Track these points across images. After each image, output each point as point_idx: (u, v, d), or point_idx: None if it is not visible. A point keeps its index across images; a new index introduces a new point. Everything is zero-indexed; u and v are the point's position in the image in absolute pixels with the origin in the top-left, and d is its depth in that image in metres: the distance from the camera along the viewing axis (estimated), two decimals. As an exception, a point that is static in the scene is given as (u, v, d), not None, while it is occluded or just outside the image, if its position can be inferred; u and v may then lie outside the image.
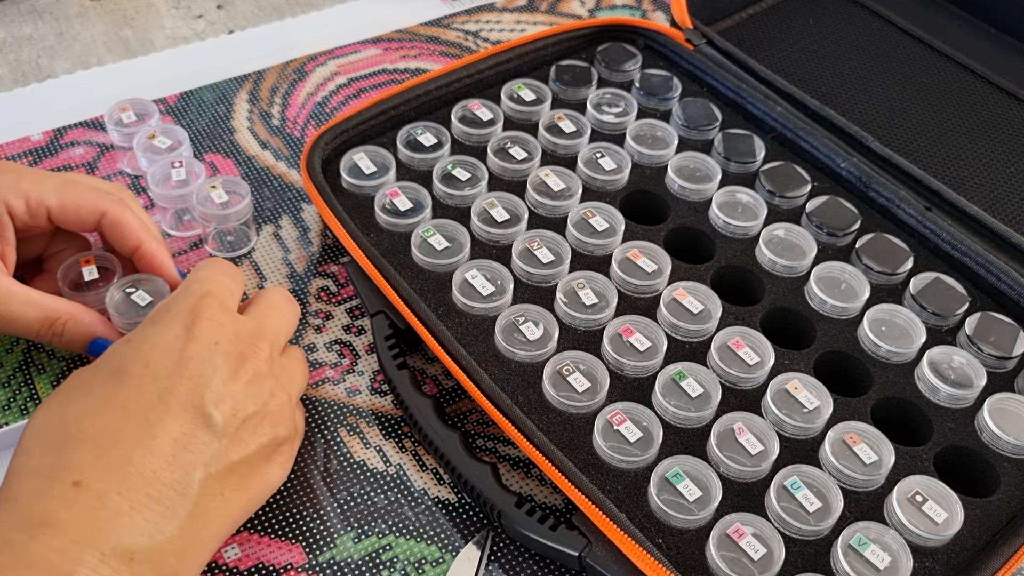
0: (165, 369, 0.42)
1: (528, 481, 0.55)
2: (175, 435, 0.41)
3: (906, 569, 0.48)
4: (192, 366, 0.43)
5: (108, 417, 0.41)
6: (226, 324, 0.45)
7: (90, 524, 0.38)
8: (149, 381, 0.42)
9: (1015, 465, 0.54)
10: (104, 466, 0.40)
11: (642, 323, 0.57)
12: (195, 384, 0.42)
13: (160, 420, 0.41)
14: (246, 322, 0.46)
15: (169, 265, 0.56)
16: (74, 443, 0.40)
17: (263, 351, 0.46)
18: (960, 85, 0.78)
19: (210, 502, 0.42)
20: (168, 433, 0.41)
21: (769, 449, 0.52)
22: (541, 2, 0.90)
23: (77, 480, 0.39)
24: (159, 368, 0.42)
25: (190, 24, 0.86)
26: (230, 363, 0.44)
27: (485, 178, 0.66)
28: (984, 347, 0.58)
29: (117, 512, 0.39)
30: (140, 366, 0.42)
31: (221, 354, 0.44)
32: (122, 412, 0.41)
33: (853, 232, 0.64)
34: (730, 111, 0.73)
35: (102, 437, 0.40)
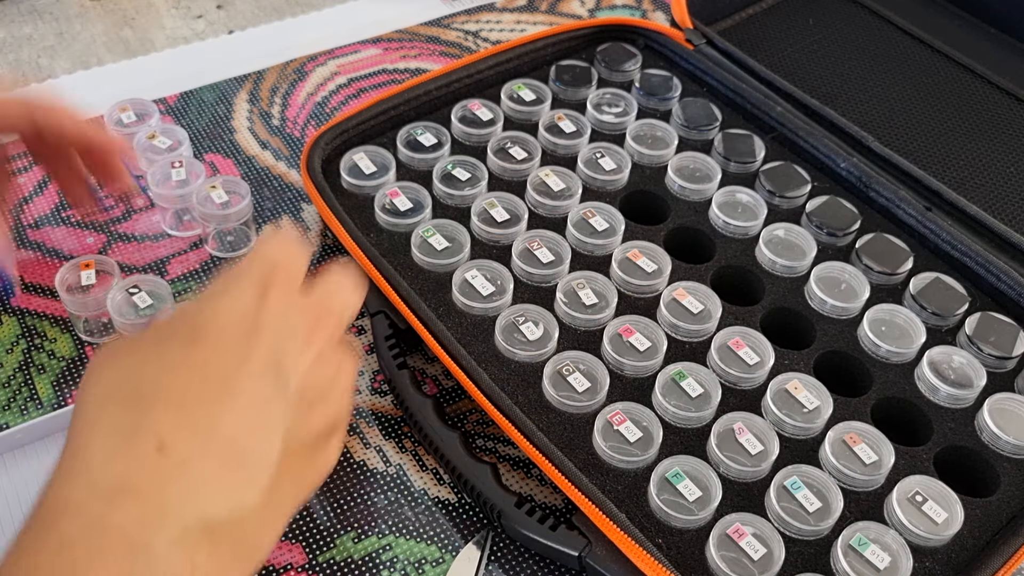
0: (240, 330, 0.40)
1: (528, 481, 0.55)
2: (255, 399, 0.39)
3: (906, 569, 0.48)
4: (268, 332, 0.40)
5: (188, 378, 0.38)
6: (295, 300, 0.43)
7: (173, 492, 0.36)
8: (227, 344, 0.39)
9: (1015, 465, 0.54)
10: (188, 429, 0.37)
11: (642, 323, 0.57)
12: (272, 349, 0.40)
13: (240, 383, 0.38)
14: (315, 298, 0.44)
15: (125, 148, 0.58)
16: (153, 403, 0.37)
17: (331, 328, 0.44)
18: (960, 85, 0.78)
19: (285, 475, 0.40)
20: (248, 396, 0.38)
21: (769, 449, 0.52)
22: (541, 2, 0.90)
23: (160, 443, 0.36)
24: (236, 332, 0.40)
25: (190, 24, 0.86)
26: (303, 330, 0.42)
27: (485, 178, 0.66)
28: (984, 347, 0.58)
29: (201, 479, 0.36)
30: (216, 330, 0.40)
31: (295, 322, 0.42)
32: (202, 373, 0.38)
33: (853, 232, 0.64)
34: (730, 111, 0.73)
35: (184, 398, 0.37)
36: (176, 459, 0.36)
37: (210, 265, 0.64)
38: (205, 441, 0.37)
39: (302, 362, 0.41)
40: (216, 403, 0.38)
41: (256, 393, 0.39)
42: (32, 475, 0.53)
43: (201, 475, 0.36)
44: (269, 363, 0.40)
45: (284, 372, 0.40)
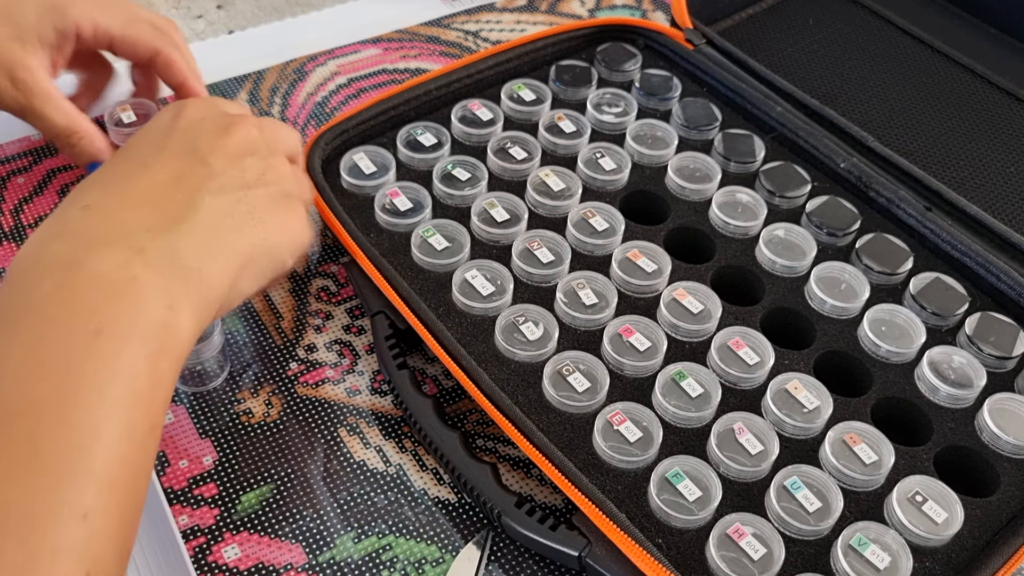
0: (158, 138, 0.49)
1: (528, 481, 0.55)
2: (173, 170, 0.47)
3: (906, 569, 0.48)
4: (183, 131, 0.49)
5: (111, 169, 0.47)
6: (212, 107, 0.51)
7: (100, 228, 0.43)
8: (145, 145, 0.49)
9: (1015, 465, 0.54)
10: (109, 193, 0.45)
11: (642, 323, 0.57)
12: (187, 141, 0.48)
13: (158, 161, 0.47)
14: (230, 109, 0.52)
15: None
16: (82, 189, 0.46)
17: (251, 123, 0.51)
18: (960, 85, 0.78)
19: (221, 219, 0.46)
20: (166, 169, 0.47)
21: (769, 449, 0.52)
22: (541, 2, 0.90)
23: (85, 204, 0.44)
24: (152, 139, 0.49)
25: (190, 24, 0.86)
26: (218, 127, 0.50)
27: (485, 178, 0.66)
28: (984, 347, 0.58)
29: (125, 219, 0.44)
30: (137, 140, 0.49)
31: (210, 123, 0.50)
32: (123, 163, 0.48)
33: (853, 232, 0.64)
34: (730, 111, 0.73)
35: (105, 176, 0.47)
36: (99, 212, 0.44)
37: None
38: (125, 197, 0.45)
39: (221, 143, 0.49)
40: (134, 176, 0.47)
41: (173, 166, 0.47)
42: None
43: (122, 216, 0.44)
44: (184, 148, 0.48)
45: (199, 151, 0.48)
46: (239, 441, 0.55)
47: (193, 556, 0.50)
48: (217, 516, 0.52)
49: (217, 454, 0.55)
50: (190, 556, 0.50)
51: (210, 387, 0.58)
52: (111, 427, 0.38)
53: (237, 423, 0.56)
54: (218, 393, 0.58)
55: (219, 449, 0.55)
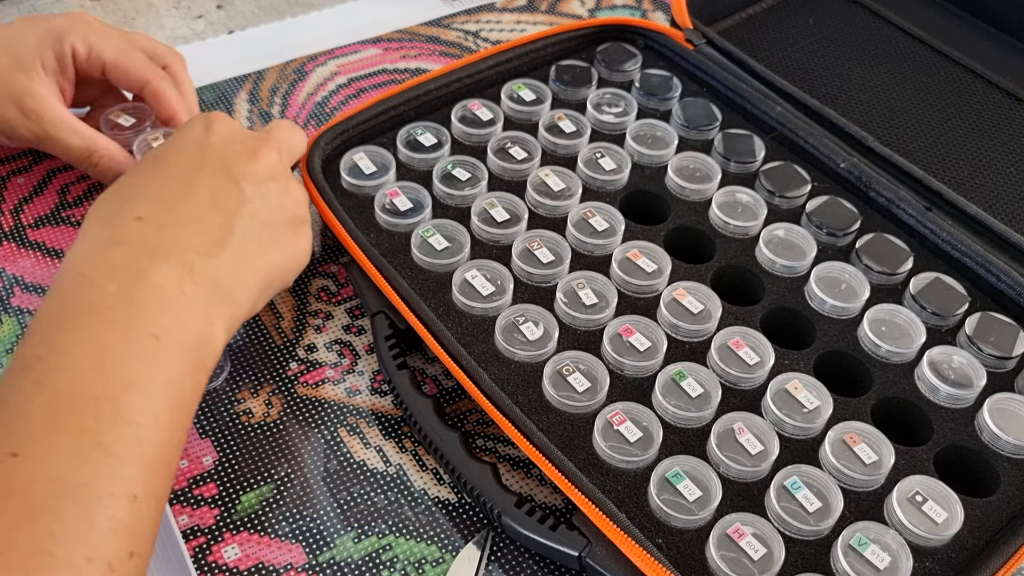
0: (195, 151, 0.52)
1: (528, 481, 0.55)
2: (212, 191, 0.50)
3: (906, 569, 0.48)
4: (217, 149, 0.52)
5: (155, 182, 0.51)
6: (238, 128, 0.55)
7: (156, 241, 0.47)
8: (183, 159, 0.52)
9: (1015, 465, 0.54)
10: (158, 208, 0.49)
11: (642, 323, 0.57)
12: (221, 161, 0.52)
13: (198, 180, 0.51)
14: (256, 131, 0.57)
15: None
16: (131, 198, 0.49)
17: (275, 147, 0.55)
18: (960, 85, 0.78)
19: (250, 245, 0.51)
20: (206, 190, 0.50)
21: (769, 449, 0.52)
22: (541, 2, 0.90)
23: (139, 216, 0.48)
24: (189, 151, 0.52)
25: (190, 24, 0.86)
26: (247, 150, 0.53)
27: (485, 178, 0.66)
28: (984, 347, 0.58)
29: (176, 235, 0.48)
30: (173, 153, 0.52)
31: (239, 145, 0.53)
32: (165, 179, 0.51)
33: (853, 232, 0.64)
34: (730, 111, 0.73)
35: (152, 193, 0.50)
36: (153, 224, 0.48)
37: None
38: (174, 214, 0.49)
39: (251, 168, 0.53)
40: (179, 193, 0.50)
41: (211, 186, 0.51)
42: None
43: (174, 233, 0.48)
44: (220, 168, 0.52)
45: (233, 174, 0.52)
46: (239, 441, 0.55)
47: (193, 556, 0.50)
48: (217, 516, 0.52)
49: (217, 454, 0.55)
50: (190, 556, 0.50)
51: (210, 387, 0.58)
52: (159, 424, 0.43)
53: (237, 423, 0.56)
54: (218, 393, 0.58)
55: (219, 449, 0.55)
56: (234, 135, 0.54)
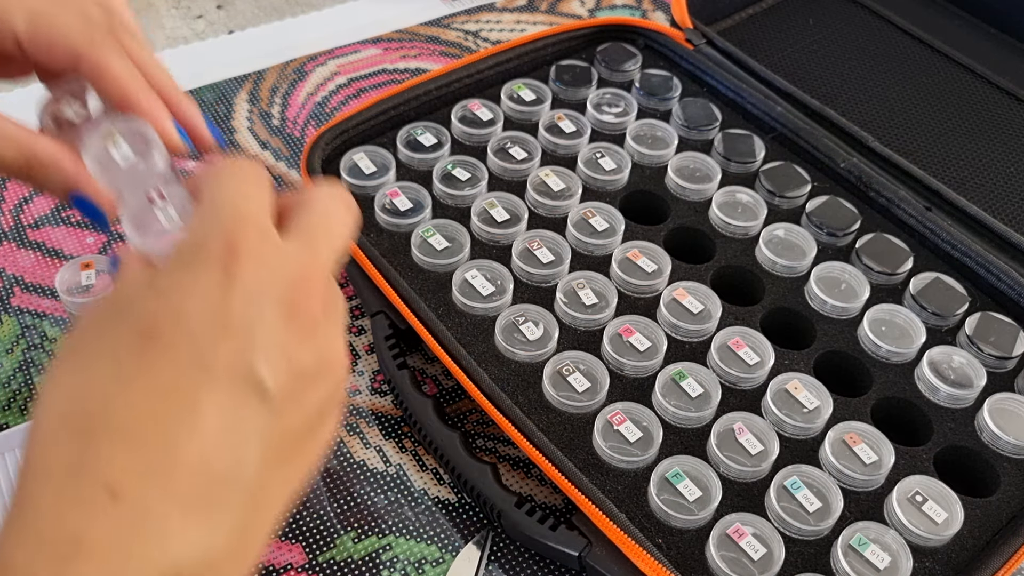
0: (203, 327, 0.32)
1: (528, 481, 0.55)
2: (222, 411, 0.32)
3: (906, 569, 0.48)
4: (237, 323, 0.33)
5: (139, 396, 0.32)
6: (272, 260, 0.34)
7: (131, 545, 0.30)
8: (184, 344, 0.32)
9: (1015, 465, 0.54)
10: (143, 465, 0.31)
11: (642, 323, 0.57)
12: (242, 343, 0.32)
13: (203, 395, 0.32)
14: (296, 253, 0.35)
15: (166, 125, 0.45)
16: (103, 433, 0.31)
17: (317, 289, 0.35)
18: (960, 85, 0.78)
19: (268, 483, 0.34)
20: (213, 413, 0.32)
21: (769, 449, 0.52)
22: (541, 2, 0.90)
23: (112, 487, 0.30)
24: (196, 326, 0.32)
25: (190, 24, 0.86)
26: (282, 313, 0.34)
27: (485, 178, 0.66)
28: (984, 347, 0.58)
29: (162, 524, 0.31)
30: (171, 324, 0.32)
31: (270, 303, 0.33)
32: (156, 388, 0.32)
33: (853, 232, 0.64)
34: (730, 111, 0.73)
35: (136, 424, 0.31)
36: (132, 506, 0.30)
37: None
38: (165, 477, 0.31)
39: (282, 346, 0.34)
40: (174, 426, 0.31)
41: (224, 408, 0.32)
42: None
43: (163, 519, 0.31)
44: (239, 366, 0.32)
45: (258, 374, 0.33)
46: (239, 441, 0.55)
47: (193, 556, 0.50)
48: (217, 516, 0.52)
49: (217, 454, 0.55)
50: (190, 556, 0.50)
51: None
52: None
53: (237, 423, 0.56)
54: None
55: (219, 449, 0.55)
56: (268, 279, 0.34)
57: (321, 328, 0.36)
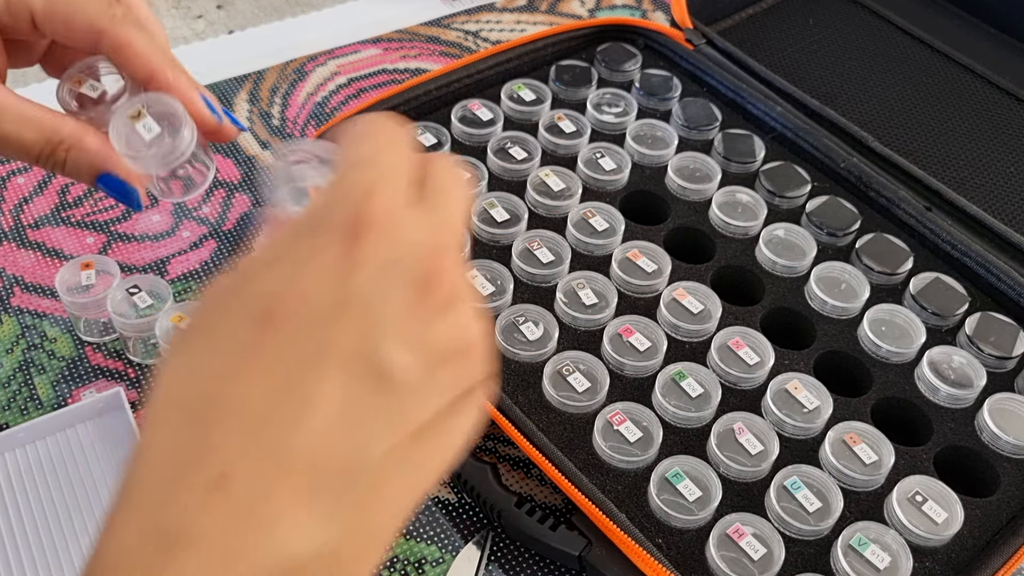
0: (324, 308, 0.30)
1: (528, 481, 0.55)
2: (341, 402, 0.30)
3: (906, 569, 0.48)
4: (360, 301, 0.30)
5: (256, 380, 0.30)
6: (404, 233, 0.32)
7: (239, 535, 0.29)
8: (304, 326, 0.30)
9: (1015, 465, 0.54)
10: (255, 452, 0.29)
11: (642, 323, 0.57)
12: (365, 327, 0.30)
13: (320, 383, 0.30)
14: (429, 223, 0.33)
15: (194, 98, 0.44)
16: (218, 417, 0.30)
17: (452, 264, 0.33)
18: (960, 85, 0.78)
19: (391, 480, 0.32)
20: (331, 401, 0.30)
21: (769, 449, 0.52)
22: (541, 2, 0.90)
23: (222, 473, 0.29)
24: (316, 307, 0.30)
25: (190, 24, 0.86)
26: (412, 290, 0.31)
27: (485, 178, 0.66)
28: (984, 347, 0.58)
29: (273, 515, 0.29)
30: (291, 310, 0.30)
31: (398, 279, 0.31)
32: (273, 373, 0.30)
33: (853, 232, 0.64)
34: (730, 111, 0.73)
35: (250, 410, 0.30)
36: (240, 496, 0.29)
37: (210, 266, 0.64)
38: (277, 471, 0.29)
39: (413, 329, 0.31)
40: (289, 414, 0.30)
41: (341, 392, 0.30)
42: (32, 475, 0.53)
43: (273, 510, 0.29)
44: (363, 349, 0.30)
45: (383, 359, 0.30)
46: (239, 441, 0.55)
47: (193, 556, 0.50)
48: (217, 516, 0.52)
49: (217, 454, 0.55)
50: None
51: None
52: None
53: (237, 423, 0.56)
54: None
55: (219, 449, 0.55)
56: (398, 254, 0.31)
57: (454, 308, 0.33)
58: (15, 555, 0.50)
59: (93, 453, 0.55)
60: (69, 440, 0.55)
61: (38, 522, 0.52)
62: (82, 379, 0.58)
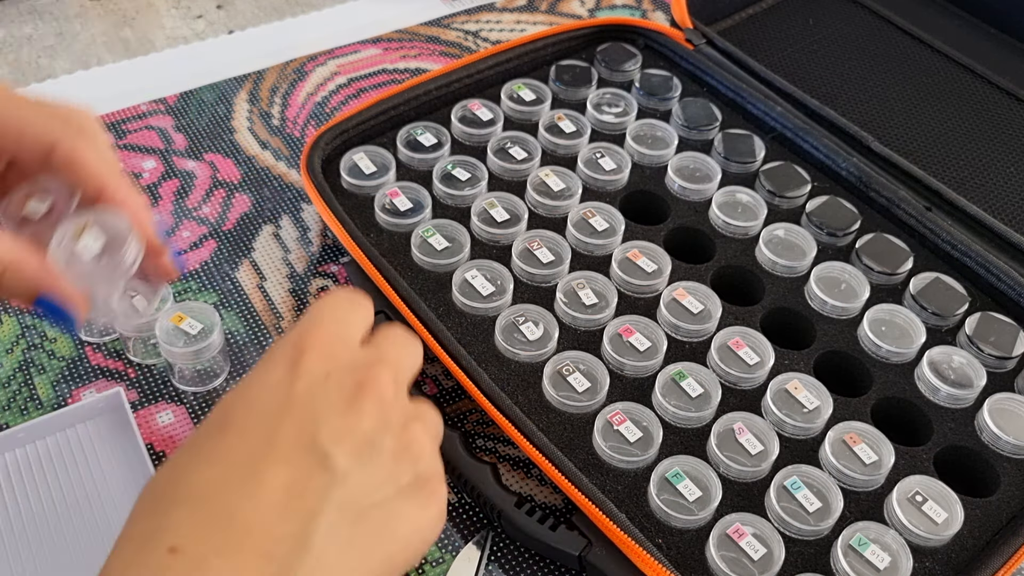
0: (270, 411, 0.36)
1: (528, 481, 0.55)
2: (285, 482, 0.35)
3: (906, 569, 0.48)
4: (300, 403, 0.36)
5: (210, 471, 0.35)
6: (338, 354, 0.38)
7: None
8: (253, 425, 0.36)
9: (1015, 465, 0.54)
10: (204, 525, 0.34)
11: (642, 323, 0.57)
12: (305, 421, 0.36)
13: (267, 467, 0.35)
14: (365, 352, 0.39)
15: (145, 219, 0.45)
16: (173, 503, 0.35)
17: (385, 377, 0.38)
18: (960, 85, 0.78)
19: (338, 556, 0.35)
20: (277, 480, 0.34)
21: (769, 449, 0.52)
22: (541, 2, 0.90)
23: (173, 545, 0.33)
24: (264, 410, 0.36)
25: (190, 24, 0.86)
26: (345, 394, 0.37)
27: (485, 178, 0.66)
28: (984, 347, 0.58)
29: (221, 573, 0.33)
30: (243, 411, 0.37)
31: (335, 386, 0.37)
32: (225, 463, 0.35)
33: (853, 232, 0.64)
34: (730, 111, 0.73)
35: (202, 493, 0.35)
36: (190, 559, 0.32)
37: (210, 266, 0.64)
38: (224, 536, 0.33)
39: (348, 424, 0.36)
40: (237, 493, 0.34)
41: (285, 474, 0.35)
42: (32, 475, 0.53)
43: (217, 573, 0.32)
44: (303, 435, 0.35)
45: (320, 446, 0.35)
46: (239, 441, 0.55)
47: (193, 556, 0.50)
48: (217, 516, 0.52)
49: (217, 454, 0.55)
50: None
51: (211, 387, 0.58)
52: None
53: (237, 423, 0.56)
54: (219, 393, 0.58)
55: (219, 449, 0.55)
56: (332, 368, 0.37)
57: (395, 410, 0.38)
58: (15, 555, 0.50)
59: (93, 453, 0.55)
60: (69, 440, 0.55)
61: (38, 522, 0.52)
62: (82, 379, 0.58)
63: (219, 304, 0.62)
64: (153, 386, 0.58)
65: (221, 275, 0.64)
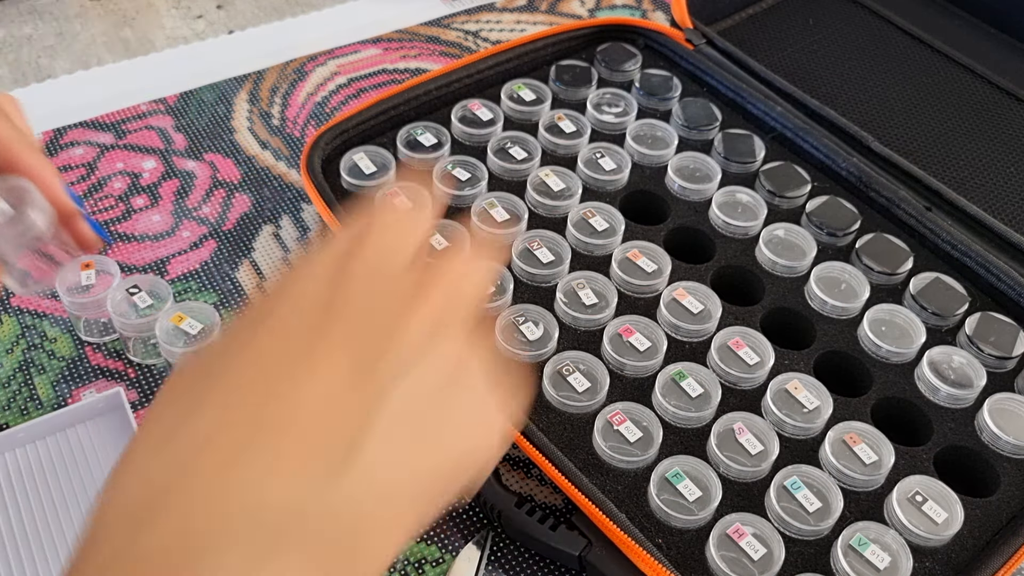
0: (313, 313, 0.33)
1: (528, 481, 0.55)
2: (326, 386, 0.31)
3: (906, 569, 0.48)
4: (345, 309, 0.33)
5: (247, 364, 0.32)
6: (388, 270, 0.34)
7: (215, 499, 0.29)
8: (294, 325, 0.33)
9: (1015, 465, 0.54)
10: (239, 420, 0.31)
11: (642, 323, 0.57)
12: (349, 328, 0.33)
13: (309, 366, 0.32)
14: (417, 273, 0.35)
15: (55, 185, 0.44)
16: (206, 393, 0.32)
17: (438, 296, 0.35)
18: (960, 85, 0.78)
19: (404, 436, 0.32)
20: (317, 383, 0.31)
21: (769, 449, 0.52)
22: (541, 2, 0.90)
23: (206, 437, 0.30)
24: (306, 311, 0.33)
25: (190, 24, 0.86)
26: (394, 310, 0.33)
27: (485, 178, 0.66)
28: (984, 347, 0.58)
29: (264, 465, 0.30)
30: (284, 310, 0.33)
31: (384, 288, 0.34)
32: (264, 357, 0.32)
33: (853, 232, 0.64)
34: (730, 111, 0.73)
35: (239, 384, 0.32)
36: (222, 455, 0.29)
37: (210, 266, 0.64)
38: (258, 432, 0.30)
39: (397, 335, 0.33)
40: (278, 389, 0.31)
41: (327, 379, 0.31)
42: (32, 474, 0.53)
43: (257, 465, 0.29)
44: (344, 345, 0.32)
45: (365, 356, 0.32)
46: (239, 441, 0.55)
47: (193, 556, 0.50)
48: (217, 516, 0.52)
49: (217, 454, 0.55)
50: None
51: None
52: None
53: (237, 423, 0.56)
54: (218, 393, 0.57)
55: (219, 449, 0.55)
56: (380, 269, 0.34)
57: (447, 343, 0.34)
58: (15, 555, 0.50)
59: (93, 453, 0.55)
60: (69, 440, 0.55)
61: (38, 522, 0.52)
62: (82, 379, 0.58)
63: (219, 304, 0.62)
64: (153, 386, 0.58)
65: (221, 275, 0.64)
